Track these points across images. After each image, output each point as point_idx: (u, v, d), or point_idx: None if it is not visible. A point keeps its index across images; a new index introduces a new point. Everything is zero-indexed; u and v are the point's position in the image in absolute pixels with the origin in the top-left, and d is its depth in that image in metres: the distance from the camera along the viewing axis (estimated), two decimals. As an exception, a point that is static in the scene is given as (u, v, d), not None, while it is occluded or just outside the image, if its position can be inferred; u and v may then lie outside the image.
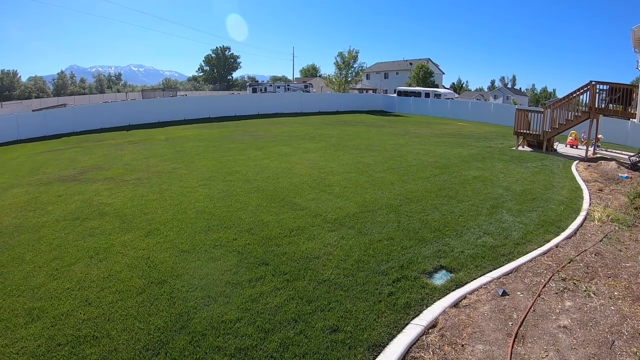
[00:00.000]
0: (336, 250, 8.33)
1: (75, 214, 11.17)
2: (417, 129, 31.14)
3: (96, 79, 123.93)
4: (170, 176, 15.25)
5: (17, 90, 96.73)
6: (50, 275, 7.65)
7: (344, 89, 63.11)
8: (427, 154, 18.92)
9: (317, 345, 5.39)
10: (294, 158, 18.25)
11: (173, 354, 5.32)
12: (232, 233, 9.31)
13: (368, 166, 16.15)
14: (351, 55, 62.22)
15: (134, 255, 8.31)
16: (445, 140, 24.57)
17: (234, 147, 22.10)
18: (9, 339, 5.80)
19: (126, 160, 19.53)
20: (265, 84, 67.55)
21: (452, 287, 6.95)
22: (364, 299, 6.52)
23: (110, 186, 14.17)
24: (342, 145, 22.15)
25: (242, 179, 14.37)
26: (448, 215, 10.34)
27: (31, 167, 19.65)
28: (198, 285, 7.05)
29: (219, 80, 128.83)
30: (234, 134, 28.65)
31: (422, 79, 74.12)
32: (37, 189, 14.54)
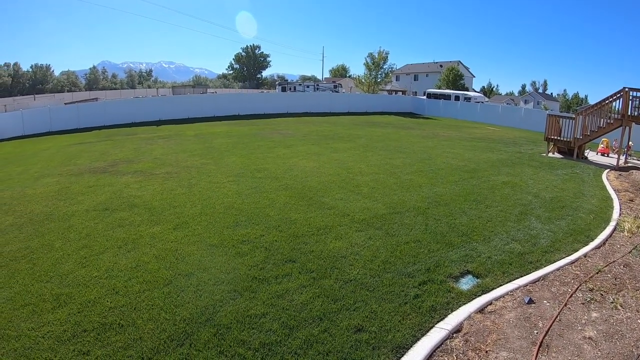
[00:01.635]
0: (363, 250, 8.35)
1: (105, 205, 11.48)
2: (446, 132, 30.88)
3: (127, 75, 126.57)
4: (199, 171, 15.51)
5: (50, 83, 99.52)
6: (79, 263, 7.89)
7: (373, 90, 63.02)
8: (456, 158, 18.77)
9: (341, 344, 5.42)
10: (323, 157, 18.33)
11: (198, 345, 5.42)
12: (259, 229, 9.42)
13: (396, 168, 16.11)
14: (381, 56, 62.24)
15: (162, 247, 8.50)
16: (475, 144, 24.31)
17: (263, 145, 22.33)
18: (35, 323, 6.01)
19: (156, 154, 19.95)
20: (295, 83, 67.85)
21: (478, 292, 6.91)
22: (389, 300, 6.53)
23: (140, 179, 14.50)
24: (370, 146, 22.14)
25: (271, 176, 14.51)
26: (476, 220, 10.26)
27: (63, 158, 20.28)
28: (225, 279, 7.17)
29: (248, 79, 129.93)
30: (263, 131, 28.93)
31: (452, 81, 73.34)
32: (68, 179, 14.99)
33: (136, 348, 5.39)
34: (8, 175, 16.65)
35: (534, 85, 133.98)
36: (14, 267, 7.87)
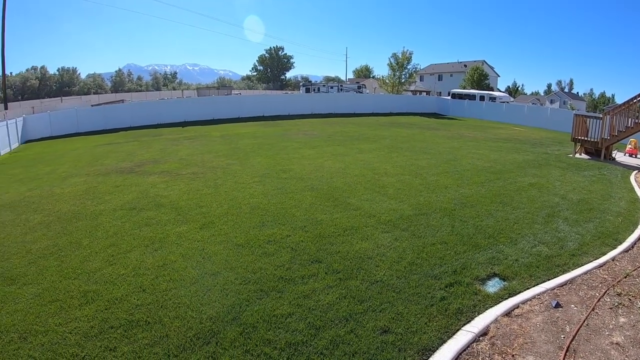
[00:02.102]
0: (389, 251, 8.32)
1: (132, 204, 11.68)
2: (472, 132, 30.57)
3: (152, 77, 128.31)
4: (225, 172, 15.65)
5: (77, 86, 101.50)
6: (106, 261, 8.03)
7: (397, 91, 62.72)
8: (481, 159, 18.56)
9: (367, 345, 5.40)
10: (348, 158, 18.32)
11: (224, 343, 5.46)
12: (286, 229, 9.46)
13: (422, 169, 16.01)
14: (405, 56, 61.94)
15: (188, 246, 8.60)
16: (500, 145, 24.00)
17: (288, 146, 22.45)
18: (63, 319, 6.14)
19: (182, 155, 20.21)
20: (319, 84, 67.87)
21: (505, 295, 6.82)
22: (415, 301, 6.49)
23: (167, 179, 14.71)
24: (396, 147, 22.07)
25: (296, 176, 14.55)
26: (503, 222, 10.13)
27: (90, 158, 20.68)
28: (251, 278, 7.20)
29: (272, 80, 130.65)
30: (288, 132, 29.09)
31: (476, 81, 72.45)
32: (95, 179, 15.29)
33: (162, 345, 5.45)
34: (37, 175, 17.04)
35: (559, 85, 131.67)
36: (43, 264, 8.05)
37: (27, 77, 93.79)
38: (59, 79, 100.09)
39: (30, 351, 5.44)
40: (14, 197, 13.37)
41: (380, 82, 68.82)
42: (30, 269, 7.84)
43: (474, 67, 76.20)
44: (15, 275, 7.64)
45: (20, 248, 8.92)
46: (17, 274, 7.69)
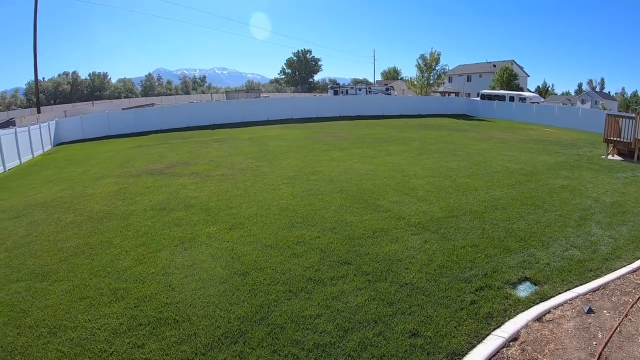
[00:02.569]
0: (419, 254, 8.24)
1: (162, 205, 11.87)
2: (502, 134, 30.07)
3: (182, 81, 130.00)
4: (254, 173, 15.77)
5: (108, 90, 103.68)
6: (136, 260, 8.17)
7: (426, 92, 62.20)
8: (512, 160, 18.24)
9: (396, 348, 5.36)
10: (377, 160, 18.26)
11: (251, 343, 5.48)
12: (315, 231, 9.46)
13: (452, 171, 15.84)
14: (433, 57, 61.41)
15: (218, 247, 8.69)
16: (531, 146, 23.54)
17: (317, 148, 22.50)
18: (92, 315, 6.28)
19: (211, 157, 20.44)
20: (347, 87, 67.70)
21: (536, 300, 6.68)
22: (445, 305, 6.41)
23: (196, 181, 14.90)
24: (425, 149, 21.89)
25: (326, 178, 14.56)
26: (534, 225, 9.92)
27: (121, 160, 21.10)
28: (280, 279, 7.22)
29: (300, 83, 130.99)
30: (316, 135, 29.16)
31: (505, 81, 70.97)
32: (126, 180, 15.60)
33: (190, 343, 5.51)
34: (69, 176, 17.45)
35: (590, 84, 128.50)
36: (74, 261, 8.25)
37: (59, 82, 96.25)
38: (90, 84, 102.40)
39: (59, 346, 5.57)
40: (47, 197, 13.72)
41: (409, 83, 68.43)
42: (62, 267, 8.04)
43: (503, 67, 74.86)
44: (47, 272, 7.85)
45: (52, 246, 9.15)
46: (49, 271, 7.90)
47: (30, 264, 8.31)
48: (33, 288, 7.27)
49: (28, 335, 5.85)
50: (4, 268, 8.18)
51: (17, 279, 7.65)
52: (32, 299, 6.88)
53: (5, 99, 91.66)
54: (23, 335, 5.86)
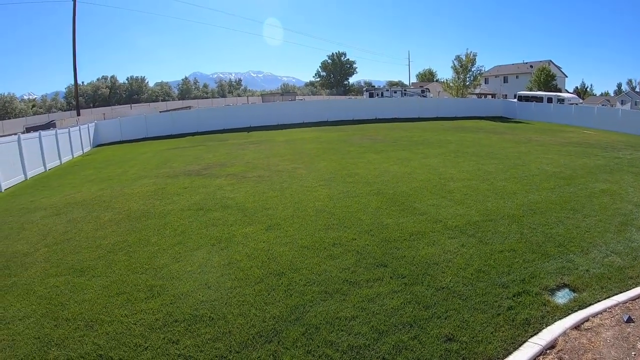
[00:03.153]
0: (456, 257, 8.12)
1: (199, 205, 12.06)
2: (539, 136, 29.37)
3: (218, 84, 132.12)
4: (291, 175, 15.86)
5: (145, 94, 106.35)
6: (173, 258, 8.32)
7: (462, 94, 61.53)
8: (550, 164, 17.79)
9: (431, 353, 5.28)
10: (414, 163, 18.12)
11: (286, 343, 5.50)
12: (351, 233, 9.43)
13: (489, 174, 15.57)
14: (469, 58, 60.88)
15: (254, 247, 8.75)
16: (570, 149, 22.91)
17: (352, 150, 22.49)
18: (128, 310, 6.42)
19: (247, 159, 20.69)
20: (382, 89, 67.40)
21: (574, 307, 6.48)
22: (482, 310, 6.29)
23: (233, 182, 15.09)
24: (461, 151, 21.60)
25: (362, 181, 14.53)
26: (573, 230, 9.64)
27: (158, 161, 21.56)
28: (315, 280, 7.23)
29: (335, 85, 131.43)
30: (352, 137, 29.17)
31: (543, 82, 69.15)
32: (164, 180, 15.93)
33: (225, 341, 5.56)
34: (108, 176, 17.92)
35: (630, 84, 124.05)
36: (112, 258, 8.46)
37: (98, 85, 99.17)
38: (128, 87, 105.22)
39: (96, 339, 5.71)
40: (86, 196, 14.10)
41: (444, 85, 67.92)
42: (100, 263, 8.25)
43: (540, 67, 73.11)
44: (85, 267, 8.08)
45: (90, 243, 9.41)
46: (87, 266, 8.13)
47: (69, 259, 8.55)
48: (71, 282, 7.48)
49: (65, 328, 6.02)
50: (44, 263, 8.46)
51: (56, 274, 7.89)
52: (70, 293, 7.08)
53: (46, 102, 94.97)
54: (60, 328, 6.03)
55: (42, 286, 7.39)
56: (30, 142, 20.79)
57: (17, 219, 11.91)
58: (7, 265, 8.46)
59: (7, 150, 17.95)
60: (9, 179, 17.75)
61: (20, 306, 6.73)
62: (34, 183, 18.36)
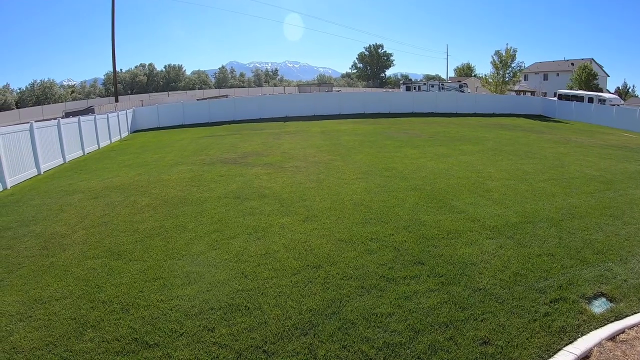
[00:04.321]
0: (494, 259, 7.95)
1: (236, 193, 12.14)
2: (579, 137, 28.52)
3: (254, 74, 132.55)
4: (327, 167, 15.84)
5: (182, 82, 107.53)
6: (210, 245, 8.38)
7: (500, 90, 60.44)
8: (590, 167, 17.24)
9: (466, 355, 5.18)
10: (451, 159, 17.90)
11: (322, 336, 5.46)
12: (389, 228, 9.34)
13: (527, 174, 15.21)
14: (509, 54, 59.74)
15: (291, 238, 8.75)
16: (610, 152, 22.17)
17: (389, 144, 22.37)
18: (165, 296, 6.49)
19: (284, 149, 20.77)
20: (419, 83, 66.86)
21: (611, 317, 6.25)
22: (518, 314, 6.13)
23: (270, 171, 15.16)
24: (499, 149, 21.19)
25: (399, 175, 14.40)
26: (612, 238, 9.28)
27: (195, 148, 21.83)
28: (353, 274, 7.17)
29: (372, 77, 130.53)
30: (388, 130, 29.06)
31: (584, 81, 67.15)
32: (200, 168, 16.11)
33: (260, 331, 5.56)
34: (145, 162, 18.22)
35: None
36: (149, 243, 8.57)
37: (136, 73, 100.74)
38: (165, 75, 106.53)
39: (131, 322, 5.79)
40: (124, 180, 14.35)
41: (483, 81, 66.91)
42: (137, 247, 8.38)
43: (582, 65, 71.21)
44: (122, 251, 8.21)
45: (128, 227, 9.56)
46: (124, 250, 8.26)
47: (106, 242, 8.71)
48: (108, 265, 7.61)
49: (101, 310, 6.12)
50: (82, 245, 8.62)
51: (93, 256, 8.05)
52: (107, 276, 7.20)
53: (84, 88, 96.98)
54: (96, 310, 6.13)
55: (80, 268, 7.54)
56: (70, 127, 21.29)
57: (55, 200, 12.19)
58: (45, 246, 8.66)
59: (47, 134, 18.39)
60: (48, 161, 18.17)
61: (58, 286, 6.88)
62: (72, 166, 18.78)
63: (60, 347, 5.28)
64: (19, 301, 6.45)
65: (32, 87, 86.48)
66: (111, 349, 5.24)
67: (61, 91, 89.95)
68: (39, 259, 7.97)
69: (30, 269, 7.55)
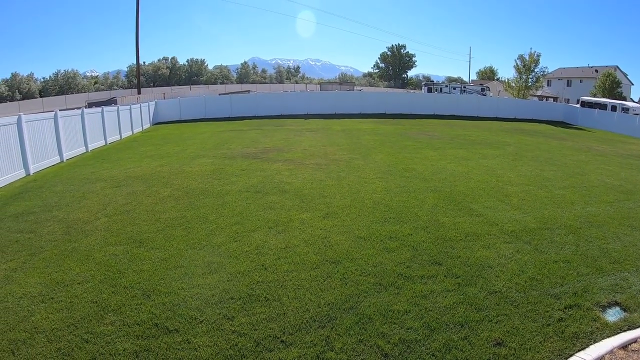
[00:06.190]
0: (510, 263, 7.98)
1: (257, 188, 12.31)
2: (601, 146, 28.22)
3: (276, 70, 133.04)
4: (348, 165, 15.94)
5: (204, 76, 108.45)
6: (231, 237, 8.52)
7: (523, 95, 59.93)
8: (611, 176, 17.06)
9: (480, 355, 5.24)
10: (471, 163, 17.88)
11: (339, 330, 5.56)
12: (407, 228, 9.41)
13: (547, 180, 15.14)
14: (532, 58, 59.27)
15: (311, 233, 8.87)
16: (631, 162, 21.84)
17: (409, 145, 22.43)
18: (185, 284, 6.64)
19: (304, 145, 20.94)
20: (441, 84, 66.36)
21: (624, 326, 6.24)
22: (532, 318, 6.17)
23: (290, 167, 15.32)
24: (520, 155, 21.12)
25: (419, 177, 14.46)
26: (630, 248, 9.21)
27: (216, 142, 22.08)
28: (371, 271, 7.26)
29: (393, 78, 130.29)
30: (409, 131, 29.12)
31: (608, 89, 66.12)
32: (221, 161, 16.32)
33: (279, 322, 5.68)
34: (166, 153, 18.48)
35: None
36: (170, 232, 8.75)
37: (158, 66, 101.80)
38: (187, 69, 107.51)
39: (152, 308, 5.94)
40: (146, 171, 14.59)
41: (505, 85, 66.44)
42: (158, 236, 8.55)
43: (606, 72, 70.24)
44: (144, 239, 8.40)
45: (150, 216, 9.75)
46: (146, 238, 8.44)
47: (128, 230, 8.90)
48: (130, 252, 7.78)
49: (122, 295, 6.28)
50: (104, 232, 8.82)
51: (115, 243, 8.23)
52: (129, 262, 7.37)
53: (107, 79, 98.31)
54: (118, 294, 6.29)
55: (101, 253, 7.72)
56: (93, 117, 21.70)
57: (78, 187, 12.45)
58: (67, 231, 8.87)
59: (71, 123, 18.75)
60: (71, 149, 18.52)
61: (80, 271, 7.06)
62: (94, 155, 19.12)
63: (81, 329, 5.44)
64: (41, 283, 6.64)
65: (56, 76, 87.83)
66: (132, 333, 5.38)
67: (84, 82, 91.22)
68: (61, 244, 8.18)
69: (52, 253, 7.75)
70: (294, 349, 5.17)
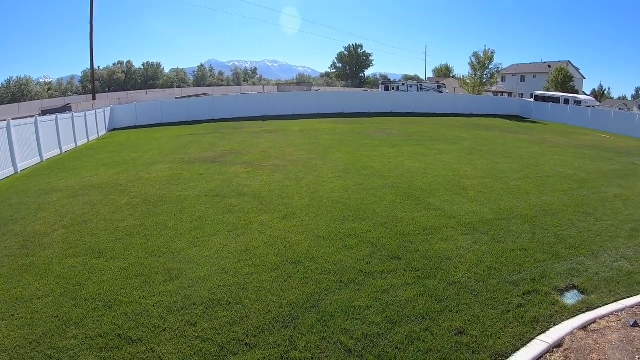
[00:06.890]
0: (469, 254, 8.21)
1: (216, 192, 12.24)
2: (555, 137, 29.23)
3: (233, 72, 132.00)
4: (306, 165, 16.01)
5: (161, 80, 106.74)
6: (191, 243, 8.48)
7: (478, 91, 61.36)
8: (564, 166, 17.70)
9: (442, 344, 5.40)
10: (428, 158, 18.22)
11: (302, 329, 5.63)
12: (366, 225, 9.55)
13: (503, 173, 15.58)
14: (486, 55, 60.78)
15: (270, 235, 8.91)
16: (584, 152, 22.73)
17: (367, 143, 22.65)
18: (147, 292, 6.58)
19: (263, 147, 20.87)
20: (398, 83, 67.25)
21: (582, 308, 6.54)
22: (492, 306, 6.38)
23: (249, 170, 15.26)
24: (476, 149, 21.65)
25: (377, 174, 14.64)
26: (585, 233, 9.62)
27: (174, 147, 21.81)
28: (331, 269, 7.35)
29: (351, 77, 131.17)
30: (367, 130, 29.38)
31: (560, 83, 68.55)
32: (179, 166, 16.14)
33: (242, 325, 5.71)
34: (123, 160, 18.17)
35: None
36: (129, 241, 8.64)
37: (114, 70, 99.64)
38: (143, 73, 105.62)
39: (114, 319, 5.87)
40: (103, 179, 14.33)
41: (461, 82, 67.89)
42: (117, 245, 8.43)
43: (558, 68, 72.59)
44: (103, 249, 8.26)
45: (108, 225, 9.60)
46: (105, 248, 8.30)
47: (87, 240, 8.73)
48: (89, 264, 7.65)
49: (84, 307, 6.18)
50: (62, 243, 8.63)
51: (74, 254, 8.07)
52: (89, 274, 7.24)
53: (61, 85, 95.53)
54: (79, 307, 6.19)
55: (61, 266, 7.57)
56: (47, 125, 21.03)
57: (34, 199, 12.12)
58: (25, 245, 8.64)
59: (24, 132, 18.18)
60: (25, 160, 17.99)
61: (39, 285, 6.90)
62: (49, 165, 18.59)
63: (43, 345, 5.33)
64: (0, 300, 6.49)
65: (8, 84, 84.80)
66: (95, 345, 5.31)
67: (37, 88, 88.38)
68: (19, 258, 7.97)
69: (10, 268, 7.55)
70: (258, 351, 5.21)
